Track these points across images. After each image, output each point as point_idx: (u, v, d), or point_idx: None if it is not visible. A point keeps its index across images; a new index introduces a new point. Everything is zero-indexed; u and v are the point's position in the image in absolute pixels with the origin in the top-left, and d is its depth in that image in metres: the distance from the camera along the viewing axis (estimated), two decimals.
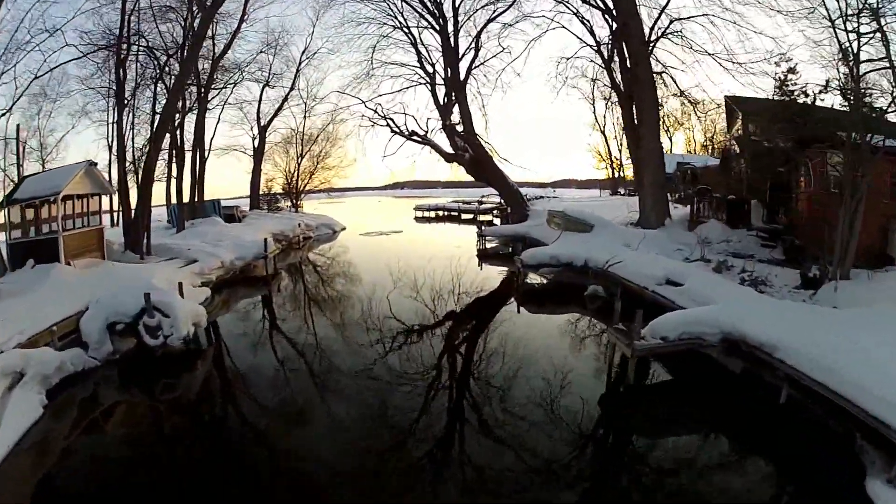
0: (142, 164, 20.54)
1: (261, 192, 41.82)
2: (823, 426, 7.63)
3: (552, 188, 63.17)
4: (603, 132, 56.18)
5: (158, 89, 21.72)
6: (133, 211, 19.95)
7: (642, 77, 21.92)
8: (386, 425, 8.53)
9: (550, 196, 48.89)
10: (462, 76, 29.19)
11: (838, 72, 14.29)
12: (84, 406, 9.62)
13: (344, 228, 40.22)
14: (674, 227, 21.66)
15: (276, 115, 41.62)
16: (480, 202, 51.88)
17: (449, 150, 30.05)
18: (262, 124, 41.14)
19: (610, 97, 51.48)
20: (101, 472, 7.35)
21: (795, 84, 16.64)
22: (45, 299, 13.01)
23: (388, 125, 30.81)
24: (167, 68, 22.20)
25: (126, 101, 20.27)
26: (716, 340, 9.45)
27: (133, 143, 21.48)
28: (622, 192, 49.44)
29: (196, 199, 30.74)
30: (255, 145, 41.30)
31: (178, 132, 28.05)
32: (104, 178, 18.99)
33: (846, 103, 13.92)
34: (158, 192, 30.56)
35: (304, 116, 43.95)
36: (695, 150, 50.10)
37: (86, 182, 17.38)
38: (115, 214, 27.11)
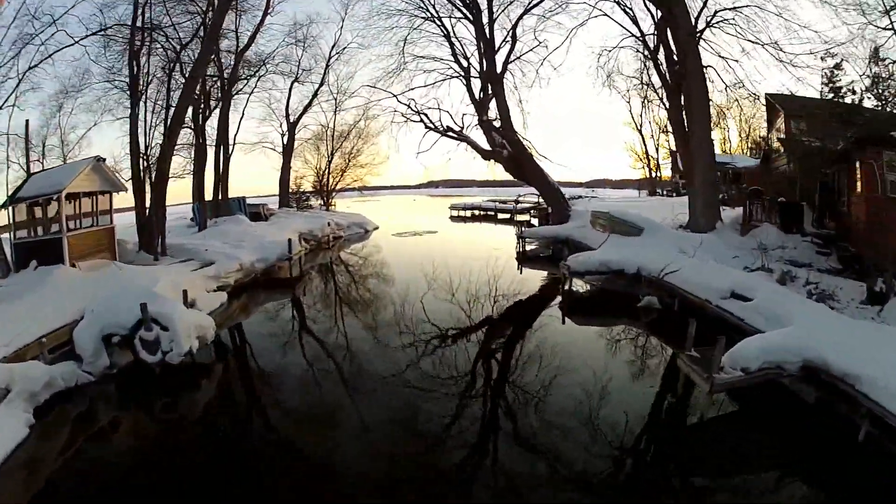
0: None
1: (290, 191, 40.60)
2: None
3: (587, 188, 61.07)
4: (640, 131, 54.20)
5: (173, 83, 20.33)
6: (147, 209, 18.64)
7: (691, 69, 19.71)
8: (416, 434, 8.01)
9: (589, 196, 46.73)
10: (498, 69, 27.27)
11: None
12: (75, 426, 8.71)
13: (376, 228, 38.75)
14: (725, 230, 19.59)
15: (305, 110, 40.59)
16: (517, 202, 49.66)
17: (486, 146, 28.20)
18: (291, 120, 40.10)
19: (646, 95, 50.87)
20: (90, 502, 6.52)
21: (840, 80, 16.22)
22: (39, 306, 11.89)
23: (421, 121, 29.20)
24: (181, 60, 20.89)
25: (140, 94, 18.99)
26: (795, 369, 7.99)
27: (151, 138, 20.03)
28: (661, 193, 47.31)
29: (220, 197, 29.60)
30: (285, 142, 40.20)
31: (200, 128, 27.04)
32: (115, 175, 17.81)
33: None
34: (184, 190, 29.80)
35: (335, 112, 42.63)
36: (730, 150, 46.59)
37: (94, 179, 16.20)
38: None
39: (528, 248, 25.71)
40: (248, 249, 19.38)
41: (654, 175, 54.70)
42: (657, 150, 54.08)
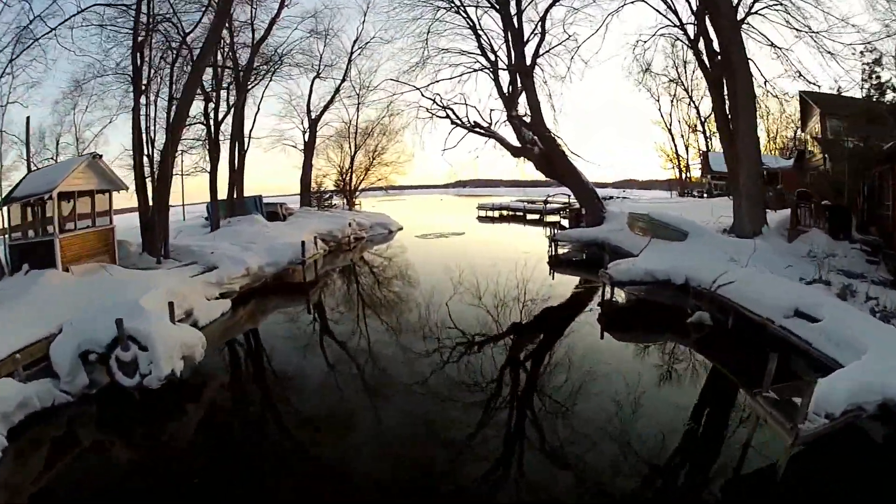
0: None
1: (312, 190, 39.48)
2: None
3: (615, 188, 59.54)
4: (669, 129, 52.67)
5: (179, 75, 19.18)
6: (150, 209, 17.55)
7: (735, 60, 17.72)
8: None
9: (621, 196, 44.81)
10: (528, 61, 25.50)
11: None
12: (51, 450, 7.87)
13: (401, 228, 37.39)
14: (772, 235, 17.71)
15: (327, 107, 39.31)
16: (546, 202, 48.40)
17: (515, 143, 26.51)
18: (312, 117, 38.96)
19: (675, 93, 49.31)
20: None
21: (881, 76, 15.51)
22: (20, 314, 10.83)
23: (447, 116, 27.75)
24: (187, 50, 19.69)
25: (144, 88, 17.89)
26: (873, 409, 6.60)
27: (156, 134, 18.90)
28: (691, 194, 45.63)
29: (235, 196, 28.43)
30: (306, 139, 39.08)
31: (214, 123, 26.02)
32: (113, 173, 16.70)
33: None
34: (201, 187, 28.87)
35: (357, 108, 41.35)
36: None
37: (90, 177, 15.13)
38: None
39: (560, 251, 24.05)
40: (257, 252, 18.12)
41: (683, 176, 53.25)
42: (686, 149, 52.55)
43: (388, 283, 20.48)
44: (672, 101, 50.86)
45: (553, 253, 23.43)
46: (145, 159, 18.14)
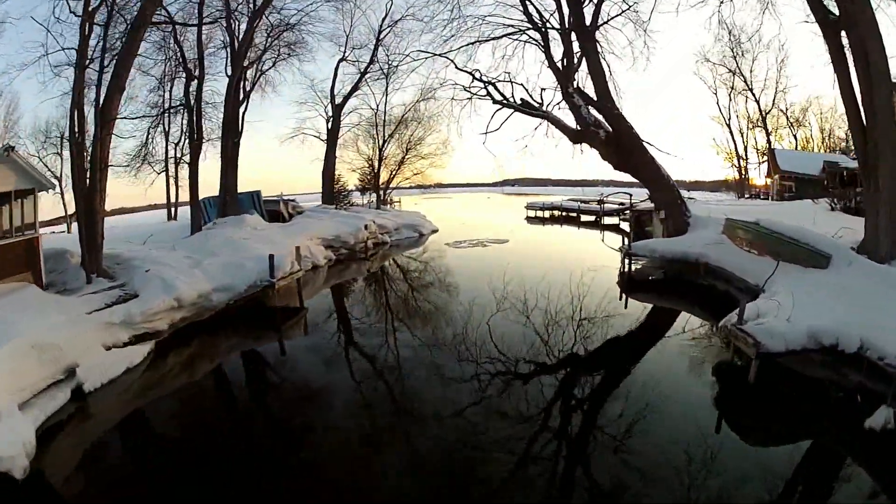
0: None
1: (336, 185, 34.69)
2: None
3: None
4: (728, 125, 47.42)
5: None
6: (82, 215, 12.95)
7: (863, 26, 11.75)
8: None
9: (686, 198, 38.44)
10: (588, 20, 19.66)
11: None
12: None
13: (435, 231, 32.20)
14: None
15: (353, 91, 34.80)
16: (601, 201, 43.52)
17: (574, 127, 20.72)
18: (336, 103, 34.20)
19: (733, 86, 43.60)
20: None
21: None
22: None
23: (488, 94, 22.29)
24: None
25: (88, 64, 13.15)
26: None
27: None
28: (761, 197, 41.22)
29: (227, 192, 23.47)
30: (329, 128, 34.34)
31: (193, 107, 21.38)
32: (34, 168, 12.28)
33: None
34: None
35: (385, 92, 36.25)
36: (814, 149, 44.75)
37: (5, 174, 10.61)
38: None
39: (633, 266, 18.34)
40: (207, 271, 13.11)
41: (742, 176, 48.57)
42: (745, 148, 47.51)
43: (395, 316, 14.86)
44: (730, 95, 46.45)
45: (625, 270, 17.64)
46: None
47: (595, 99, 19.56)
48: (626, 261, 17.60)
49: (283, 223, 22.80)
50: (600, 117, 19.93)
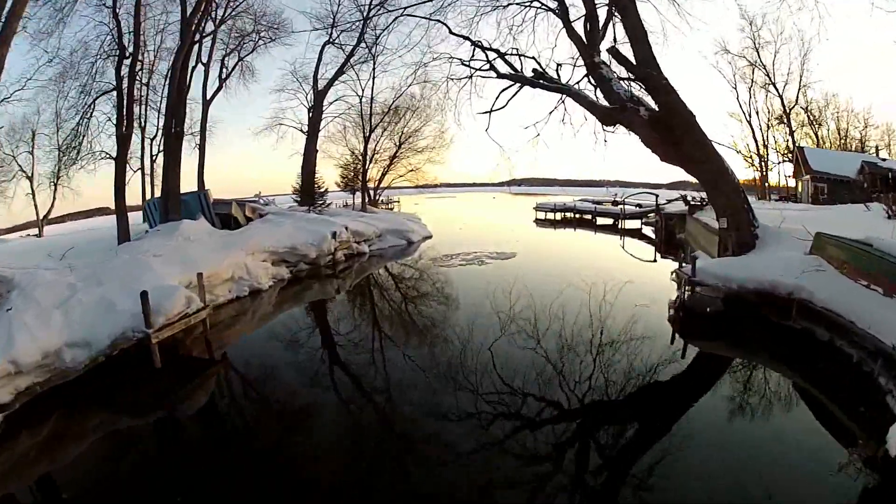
0: None
1: (317, 184, 29.75)
2: None
3: (670, 190, 49.97)
4: (749, 122, 42.09)
5: None
6: None
7: None
8: None
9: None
10: None
11: None
12: None
13: (428, 238, 27.33)
14: None
15: (337, 75, 30.16)
16: (615, 202, 40.23)
17: (603, 104, 15.73)
18: (318, 89, 29.45)
19: (754, 79, 40.04)
20: None
21: None
22: None
23: (492, 69, 17.55)
24: None
25: None
26: None
27: None
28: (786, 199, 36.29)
29: (168, 192, 18.65)
30: (310, 116, 29.58)
31: (123, 90, 16.79)
32: None
33: None
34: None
35: (372, 73, 31.43)
36: (829, 148, 40.85)
37: None
38: None
39: (673, 289, 13.42)
40: (67, 315, 8.35)
41: (763, 177, 43.71)
42: (766, 147, 42.62)
43: (357, 369, 9.72)
44: (750, 89, 41.72)
45: (678, 301, 12.59)
46: None
47: (634, 64, 14.48)
48: (683, 289, 12.57)
49: (234, 230, 17.86)
50: (640, 93, 15.02)
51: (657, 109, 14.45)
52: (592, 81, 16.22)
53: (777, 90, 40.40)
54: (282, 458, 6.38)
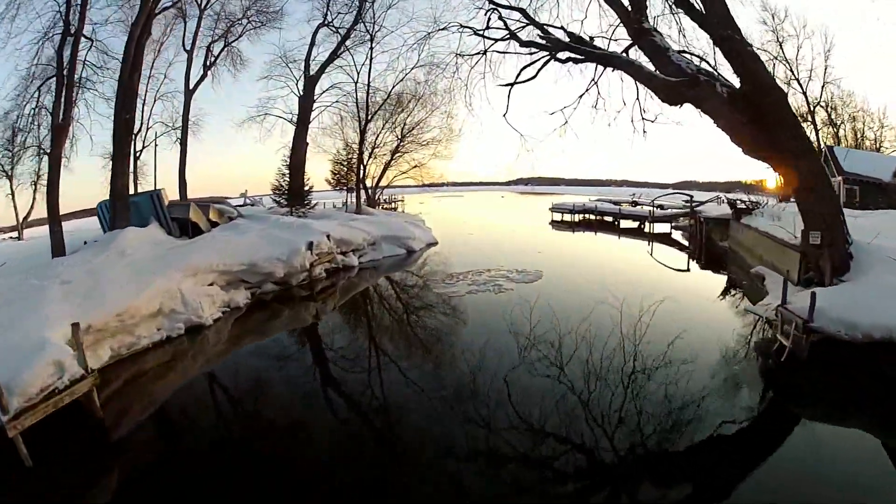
0: None
1: (305, 181, 26.15)
2: None
3: (676, 190, 49.23)
4: None
5: None
6: None
7: None
8: None
9: (721, 199, 30.62)
10: None
11: None
12: None
13: (433, 244, 23.71)
14: None
15: (331, 59, 26.73)
16: (635, 202, 38.38)
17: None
18: (310, 74, 25.96)
19: (775, 74, 36.95)
20: None
21: None
22: None
23: (512, 37, 13.95)
24: None
25: None
26: None
27: None
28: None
29: (116, 193, 15.11)
30: (301, 105, 26.10)
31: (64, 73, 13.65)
32: None
33: None
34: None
35: (370, 55, 27.61)
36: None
37: None
38: None
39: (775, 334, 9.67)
40: None
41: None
42: None
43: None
44: None
45: (783, 350, 8.88)
46: None
47: (708, 18, 10.71)
48: (790, 331, 8.85)
49: (184, 240, 14.29)
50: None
51: (741, 84, 10.72)
52: (642, 53, 12.56)
53: (801, 86, 37.54)
54: None
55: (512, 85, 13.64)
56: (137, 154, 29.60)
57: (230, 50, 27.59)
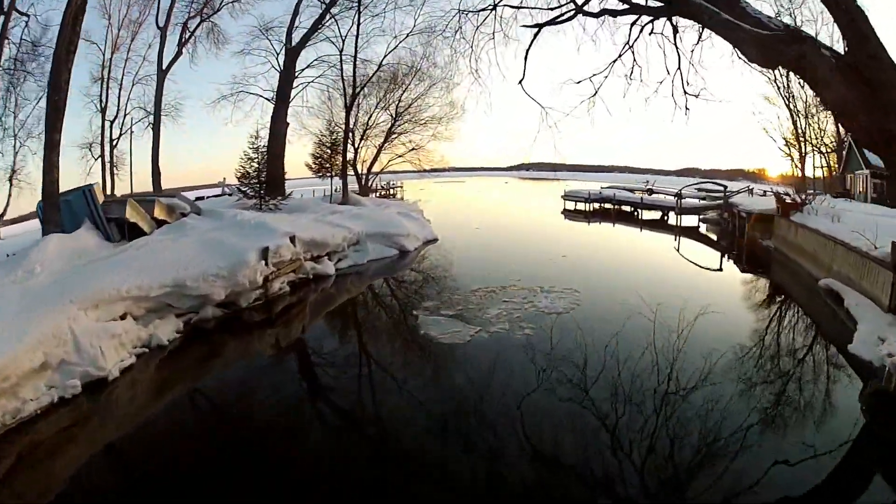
0: None
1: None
2: None
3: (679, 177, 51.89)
4: (788, 106, 36.45)
5: None
6: None
7: None
8: None
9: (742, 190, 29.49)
10: None
11: None
12: None
13: (433, 241, 20.71)
14: None
15: (314, 29, 23.84)
16: (651, 191, 36.85)
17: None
18: (291, 45, 23.01)
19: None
20: None
21: None
22: None
23: None
24: None
25: None
26: None
27: None
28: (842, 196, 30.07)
29: (44, 190, 12.11)
30: (280, 80, 23.16)
31: None
32: None
33: None
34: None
35: (357, 19, 24.31)
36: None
37: None
38: None
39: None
40: None
41: (800, 168, 38.70)
42: (804, 136, 37.69)
43: None
44: (788, 73, 37.13)
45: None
46: None
47: None
48: None
49: (111, 244, 11.37)
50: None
51: (847, 51, 7.61)
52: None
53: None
54: None
55: (541, 26, 10.17)
56: (115, 143, 28.53)
57: (210, 26, 25.62)
